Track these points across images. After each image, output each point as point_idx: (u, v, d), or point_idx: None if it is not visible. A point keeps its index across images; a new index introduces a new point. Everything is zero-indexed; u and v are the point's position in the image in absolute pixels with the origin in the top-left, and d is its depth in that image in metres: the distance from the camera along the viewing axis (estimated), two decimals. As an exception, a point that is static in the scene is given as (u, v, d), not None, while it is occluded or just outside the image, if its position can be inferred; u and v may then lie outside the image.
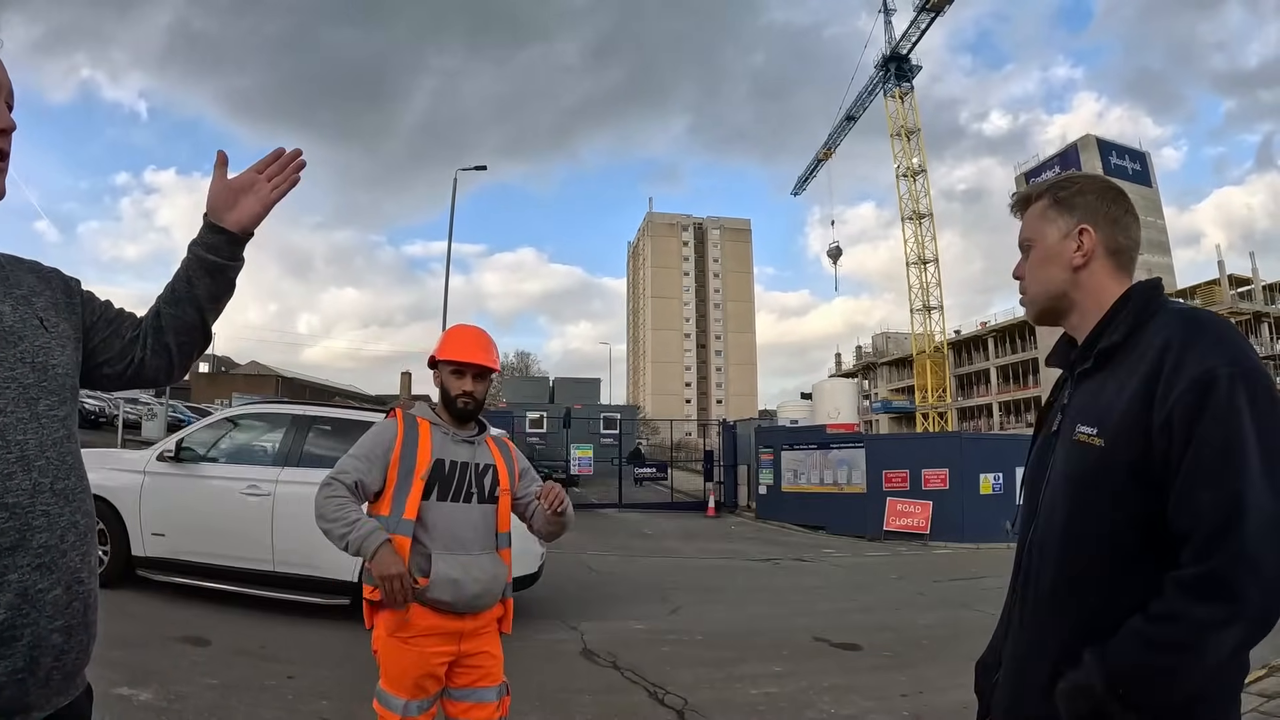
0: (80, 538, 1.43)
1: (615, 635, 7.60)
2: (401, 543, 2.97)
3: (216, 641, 6.48)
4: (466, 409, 3.15)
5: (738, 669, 6.57)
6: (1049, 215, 1.80)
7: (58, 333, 1.54)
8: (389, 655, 3.05)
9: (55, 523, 1.38)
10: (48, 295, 1.58)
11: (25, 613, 1.30)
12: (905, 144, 61.56)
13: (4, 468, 1.31)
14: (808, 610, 9.44)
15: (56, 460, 1.41)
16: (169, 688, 5.20)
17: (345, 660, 6.17)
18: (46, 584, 1.34)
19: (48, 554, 1.35)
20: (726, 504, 24.34)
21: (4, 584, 1.28)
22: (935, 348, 61.83)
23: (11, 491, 1.31)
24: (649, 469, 28.75)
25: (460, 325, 3.34)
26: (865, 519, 18.48)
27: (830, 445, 20.62)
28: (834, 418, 27.32)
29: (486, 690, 3.15)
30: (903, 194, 61.96)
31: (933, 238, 60.93)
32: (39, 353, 1.45)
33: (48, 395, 1.44)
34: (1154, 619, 1.43)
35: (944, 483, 17.80)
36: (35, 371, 1.43)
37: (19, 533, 1.31)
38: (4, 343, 1.40)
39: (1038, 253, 1.81)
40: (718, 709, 5.42)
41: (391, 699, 3.02)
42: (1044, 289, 1.81)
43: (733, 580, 12.35)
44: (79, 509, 1.44)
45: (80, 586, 1.42)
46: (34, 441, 1.37)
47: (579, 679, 6.14)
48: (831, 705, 5.56)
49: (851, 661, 6.92)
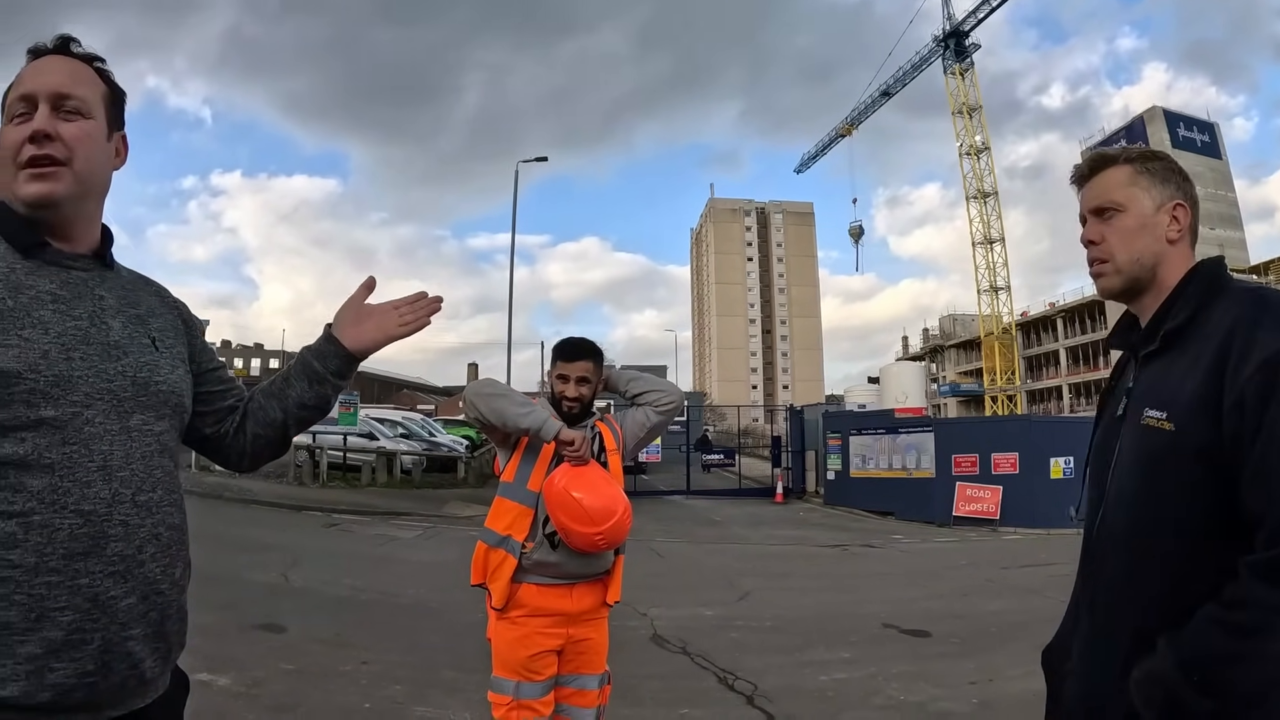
0: (162, 550, 1.47)
1: (684, 621, 7.68)
2: (524, 512, 3.14)
3: (293, 629, 6.70)
4: (571, 411, 3.29)
5: (807, 655, 6.60)
6: (1140, 183, 1.72)
7: (170, 353, 1.59)
8: (499, 638, 3.16)
9: (134, 533, 1.41)
10: (167, 318, 1.64)
11: (95, 617, 1.35)
12: (967, 121, 60.28)
13: (84, 476, 1.35)
14: (877, 596, 9.42)
15: (142, 473, 1.45)
16: (247, 674, 5.39)
17: (418, 647, 6.37)
18: (120, 591, 1.38)
19: (123, 563, 1.39)
20: (794, 490, 24.27)
21: (75, 588, 1.33)
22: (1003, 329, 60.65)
23: (89, 499, 1.35)
24: (716, 455, 28.76)
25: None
26: (934, 504, 18.25)
27: (898, 430, 20.41)
28: (901, 402, 27.03)
29: (589, 678, 3.25)
30: (966, 173, 60.79)
31: (998, 217, 59.73)
32: (142, 369, 1.49)
33: (143, 410, 1.48)
34: (1228, 604, 1.40)
35: (1014, 467, 17.42)
36: (134, 386, 1.47)
37: (92, 539, 1.35)
38: (107, 355, 1.45)
39: (1131, 219, 1.71)
40: (787, 695, 5.45)
41: (502, 683, 3.12)
42: (1136, 258, 1.71)
43: (801, 566, 12.35)
44: (163, 522, 1.48)
45: (159, 597, 1.46)
46: (120, 453, 1.42)
47: (649, 665, 6.21)
48: (900, 692, 5.56)
49: (920, 648, 6.89)
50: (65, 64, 1.50)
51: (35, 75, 1.48)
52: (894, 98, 66.67)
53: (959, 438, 19.28)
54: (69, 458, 1.35)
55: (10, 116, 1.47)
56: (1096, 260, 1.75)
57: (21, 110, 1.46)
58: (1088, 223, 1.77)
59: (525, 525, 3.13)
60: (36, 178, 1.43)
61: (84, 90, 1.50)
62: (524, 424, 3.15)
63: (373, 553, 11.72)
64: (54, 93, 1.46)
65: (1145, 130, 61.11)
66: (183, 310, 1.73)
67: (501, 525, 3.18)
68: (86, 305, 1.47)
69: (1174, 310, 1.64)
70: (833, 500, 21.82)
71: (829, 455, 22.27)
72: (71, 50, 1.52)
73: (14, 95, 1.47)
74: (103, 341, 1.46)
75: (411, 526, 14.36)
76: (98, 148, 1.52)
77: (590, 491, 3.04)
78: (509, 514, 3.19)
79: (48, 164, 1.44)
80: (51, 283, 1.44)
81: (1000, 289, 59.94)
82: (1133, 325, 1.79)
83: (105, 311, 1.49)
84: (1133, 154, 1.77)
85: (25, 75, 1.49)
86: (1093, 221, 1.76)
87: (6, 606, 1.28)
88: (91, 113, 1.50)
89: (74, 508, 1.34)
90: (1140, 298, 1.73)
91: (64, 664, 1.31)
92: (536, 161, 31.75)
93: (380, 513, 15.88)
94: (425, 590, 8.67)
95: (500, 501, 3.25)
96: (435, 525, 14.41)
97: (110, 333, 1.48)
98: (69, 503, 1.34)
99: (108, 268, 1.57)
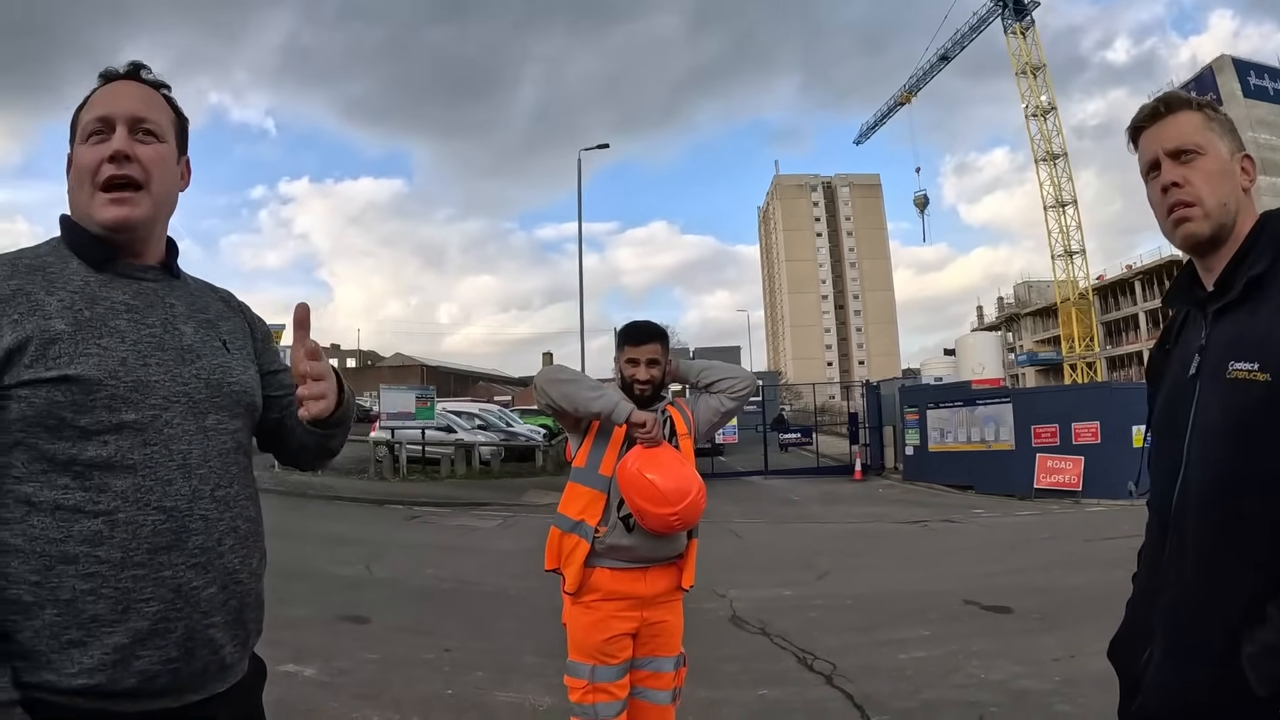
0: (240, 541, 1.54)
1: (763, 602, 7.69)
2: (596, 497, 3.17)
3: (376, 620, 6.88)
4: (644, 394, 3.31)
5: (886, 633, 6.56)
6: (1214, 129, 1.64)
7: (240, 355, 1.67)
8: (575, 623, 3.20)
9: (213, 526, 1.48)
10: (235, 321, 1.73)
11: (179, 607, 1.42)
12: (1031, 81, 58.28)
13: (165, 474, 1.43)
14: (957, 573, 9.30)
15: (220, 469, 1.52)
16: (331, 664, 5.56)
17: (499, 634, 6.49)
18: (202, 582, 1.45)
19: (204, 555, 1.46)
20: (873, 466, 24.02)
21: (159, 580, 1.40)
22: (1079, 295, 58.81)
23: (170, 496, 1.43)
24: (793, 434, 28.66)
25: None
26: (1015, 477, 17.86)
27: (976, 402, 20.04)
28: (978, 373, 26.49)
29: (664, 660, 3.28)
30: (1033, 135, 58.78)
31: (1069, 178, 57.68)
32: (215, 370, 1.57)
33: (218, 410, 1.55)
34: None
35: (1095, 436, 16.95)
36: (209, 387, 1.54)
37: (174, 534, 1.43)
38: (181, 359, 1.52)
39: (1213, 163, 1.61)
40: (866, 674, 5.43)
41: (579, 667, 3.16)
42: (1223, 202, 1.60)
43: (880, 544, 12.27)
44: (240, 515, 1.55)
45: (238, 586, 1.53)
46: (198, 451, 1.49)
47: (728, 646, 6.24)
48: (980, 670, 5.49)
49: (1001, 624, 6.80)
50: (139, 89, 1.58)
51: (112, 99, 1.55)
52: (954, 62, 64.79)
53: (1038, 408, 18.83)
54: (150, 458, 1.43)
55: (85, 136, 1.54)
56: (1182, 204, 1.62)
57: (97, 130, 1.53)
58: (1163, 166, 1.65)
59: (598, 510, 3.16)
60: (115, 202, 1.50)
61: (158, 115, 1.58)
62: (595, 408, 3.18)
63: (453, 543, 11.94)
64: (132, 116, 1.53)
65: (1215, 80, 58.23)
66: (248, 314, 1.81)
67: (574, 510, 3.22)
68: (159, 313, 1.54)
69: (1251, 257, 1.56)
70: (911, 476, 21.57)
71: (907, 430, 22.00)
72: (142, 76, 1.60)
73: (89, 117, 1.54)
74: (176, 346, 1.53)
75: (491, 516, 14.56)
76: (170, 170, 1.60)
77: (664, 472, 3.06)
78: (582, 499, 3.22)
79: (126, 185, 1.51)
80: (125, 294, 1.52)
81: (1075, 253, 58.12)
82: (1192, 281, 1.71)
83: (177, 318, 1.57)
84: (1201, 101, 1.69)
85: (100, 98, 1.56)
86: (1170, 164, 1.64)
87: (95, 600, 1.36)
88: (165, 136, 1.58)
89: (156, 504, 1.42)
90: (1217, 249, 1.63)
91: (149, 652, 1.39)
92: (598, 149, 31.70)
93: (460, 504, 16.12)
94: (505, 578, 8.80)
95: (573, 487, 3.29)
96: (515, 514, 14.58)
97: (183, 338, 1.55)
98: (152, 500, 1.42)
99: (175, 277, 1.65)
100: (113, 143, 1.51)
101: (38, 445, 1.38)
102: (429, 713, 4.80)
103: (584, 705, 3.13)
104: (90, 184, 1.51)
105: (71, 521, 1.37)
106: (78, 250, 1.52)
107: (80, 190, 1.53)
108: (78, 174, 1.54)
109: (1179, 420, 1.60)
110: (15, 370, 1.38)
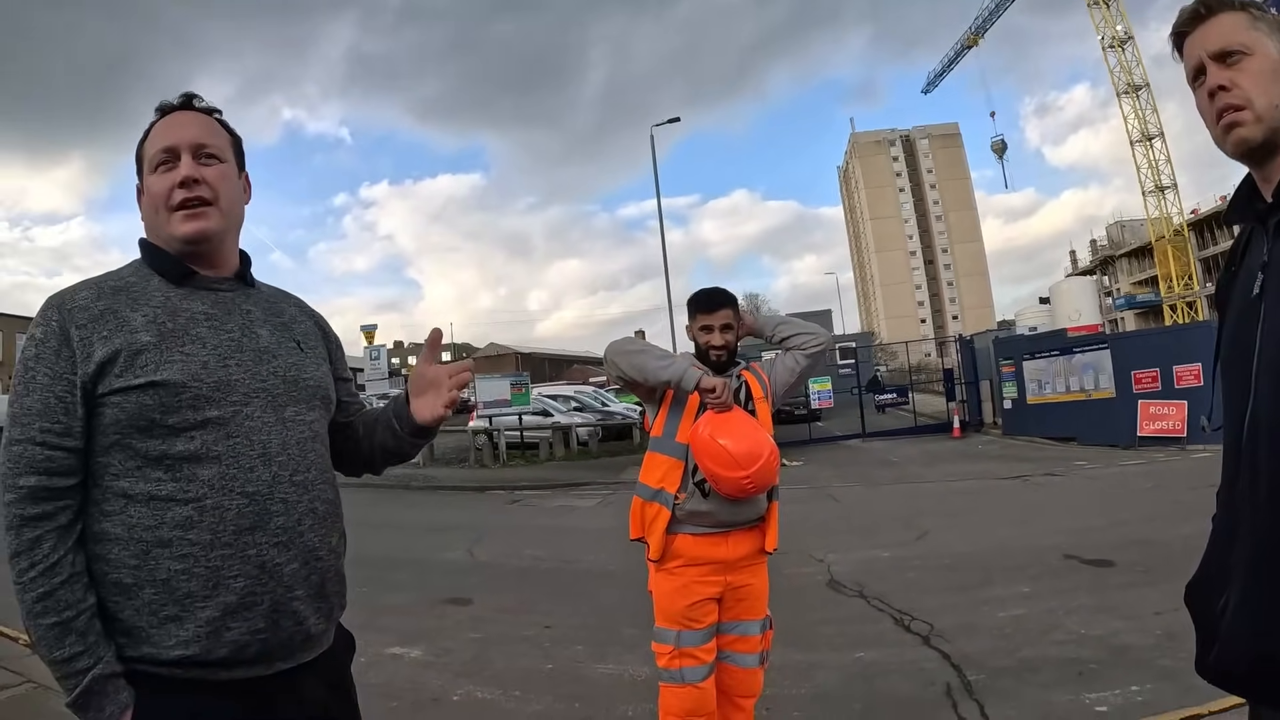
0: (319, 521, 1.68)
1: (861, 564, 7.70)
2: (675, 464, 3.26)
3: (479, 601, 7.13)
4: (720, 359, 3.40)
5: (985, 592, 6.53)
6: (1260, 28, 1.51)
7: (314, 354, 1.83)
8: (659, 590, 3.30)
9: (293, 508, 1.63)
10: (307, 324, 1.88)
11: (264, 582, 1.57)
12: (1105, 11, 55.51)
13: (247, 463, 1.58)
14: (1058, 527, 9.14)
15: (298, 456, 1.67)
16: (435, 644, 5.80)
17: (597, 610, 6.65)
18: (284, 559, 1.60)
19: (285, 534, 1.61)
20: (971, 423, 23.68)
21: (245, 558, 1.55)
22: (1174, 231, 56.12)
23: (253, 482, 1.58)
24: (889, 395, 28.35)
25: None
26: (1118, 426, 17.39)
27: (1072, 350, 19.56)
28: (1075, 320, 25.76)
29: (750, 624, 3.36)
30: (1113, 67, 55.98)
31: (1153, 110, 54.81)
32: (290, 368, 1.72)
33: (294, 403, 1.70)
34: None
35: (1198, 379, 16.23)
36: (285, 384, 1.70)
37: (257, 516, 1.57)
38: (259, 359, 1.68)
39: (1262, 63, 1.49)
40: (963, 633, 5.44)
41: (664, 633, 3.26)
42: (1275, 103, 1.47)
43: (980, 501, 12.12)
44: (319, 497, 1.69)
45: (319, 563, 1.67)
46: (277, 441, 1.64)
47: (825, 609, 6.31)
48: (1080, 626, 5.43)
49: (1103, 579, 6.69)
50: (196, 118, 1.75)
51: (174, 130, 1.72)
52: None
53: (1137, 352, 18.21)
54: (233, 449, 1.59)
55: (154, 167, 1.71)
56: (1231, 107, 1.50)
57: (164, 159, 1.70)
58: (1209, 70, 1.53)
59: (677, 477, 3.25)
60: (191, 217, 1.68)
61: (216, 139, 1.75)
62: (665, 375, 3.26)
63: (553, 524, 12.16)
64: (194, 143, 1.70)
65: None
66: (319, 319, 1.97)
67: (654, 479, 3.31)
68: (237, 319, 1.71)
69: None
70: (1011, 430, 21.21)
71: (1003, 383, 21.65)
72: (195, 105, 1.77)
73: (155, 149, 1.71)
74: (254, 348, 1.70)
75: (590, 495, 14.79)
76: (234, 186, 1.77)
77: (735, 436, 3.12)
78: (660, 467, 3.31)
79: (198, 204, 1.68)
80: (204, 304, 1.69)
81: (1166, 188, 55.43)
82: (1252, 194, 1.57)
83: (254, 323, 1.74)
84: (1244, 0, 1.55)
85: (161, 130, 1.73)
86: (1215, 67, 1.52)
87: (188, 579, 1.53)
88: (225, 157, 1.76)
89: (240, 490, 1.58)
90: (1273, 156, 1.50)
91: (239, 623, 1.56)
92: (669, 124, 31.71)
93: (560, 485, 16.38)
94: (604, 555, 8.95)
95: (651, 456, 3.38)
96: (614, 491, 14.72)
97: (260, 340, 1.72)
98: (235, 486, 1.58)
99: (250, 286, 1.82)
100: (181, 169, 1.68)
101: (132, 445, 1.55)
102: (529, 686, 4.96)
103: (671, 670, 3.23)
104: (165, 208, 1.68)
105: (164, 510, 1.54)
106: (158, 269, 1.69)
107: (156, 215, 1.70)
108: (151, 201, 1.71)
109: (1245, 347, 1.47)
110: (107, 380, 1.54)
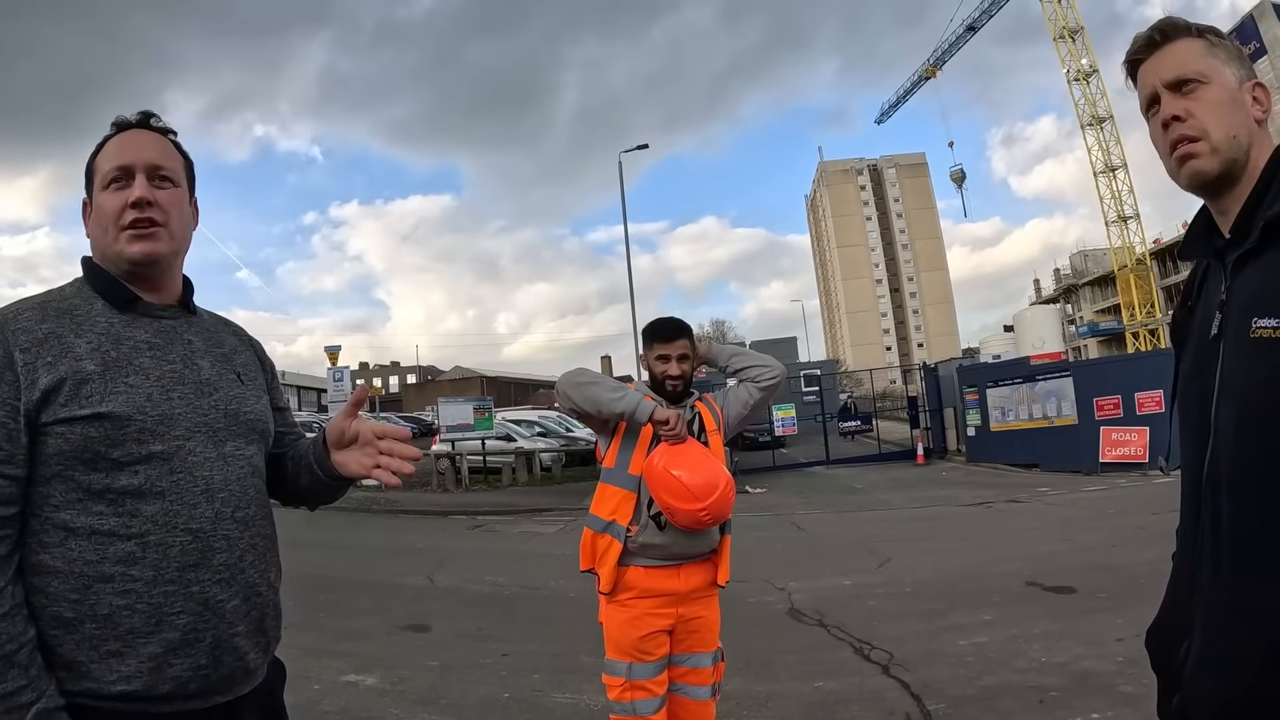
0: (259, 557, 1.66)
1: (822, 593, 7.66)
2: (627, 496, 3.21)
3: (437, 628, 7.02)
4: (676, 389, 3.35)
5: (946, 619, 6.50)
6: (1218, 55, 1.47)
7: (253, 385, 1.80)
8: (610, 621, 3.25)
9: (235, 545, 1.60)
10: (247, 355, 1.85)
11: (207, 619, 1.54)
12: (1070, 45, 56.45)
13: (190, 499, 1.55)
14: (1020, 554, 9.17)
15: (239, 492, 1.63)
16: (393, 672, 5.69)
17: (556, 636, 6.59)
18: (226, 595, 1.57)
19: (227, 571, 1.58)
20: (936, 450, 23.82)
21: (189, 595, 1.52)
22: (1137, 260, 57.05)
23: (196, 519, 1.55)
24: (853, 422, 28.49)
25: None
26: (1080, 452, 17.60)
27: (1035, 377, 19.79)
28: (1039, 348, 26.01)
29: (703, 655, 3.30)
30: (1077, 99, 56.96)
31: (1117, 142, 55.74)
32: (231, 401, 1.69)
33: (235, 437, 1.67)
34: None
35: (1159, 405, 16.44)
36: (226, 417, 1.66)
37: (201, 553, 1.54)
38: (200, 392, 1.64)
39: (1218, 92, 1.45)
40: (924, 661, 5.40)
41: (616, 665, 3.21)
42: (1232, 134, 1.43)
43: (944, 528, 12.15)
44: (259, 533, 1.67)
45: (259, 599, 1.65)
46: (219, 477, 1.60)
47: (785, 639, 6.25)
48: (1042, 653, 5.41)
49: (1064, 605, 6.70)
50: (154, 138, 1.71)
51: (130, 148, 1.66)
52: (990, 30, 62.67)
53: (1099, 379, 18.49)
54: (177, 484, 1.54)
55: (106, 183, 1.65)
56: (1185, 139, 1.45)
57: (118, 177, 1.64)
58: (1163, 99, 1.49)
59: (629, 509, 3.20)
60: (140, 238, 1.62)
61: (171, 162, 1.70)
62: (618, 408, 3.21)
63: (515, 549, 12.07)
64: (150, 164, 1.66)
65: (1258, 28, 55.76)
66: (257, 348, 1.92)
67: (606, 510, 3.26)
68: (179, 350, 1.66)
69: (1269, 196, 1.39)
70: (975, 457, 21.34)
71: (967, 411, 21.80)
72: (151, 125, 1.72)
73: (109, 165, 1.65)
74: (195, 381, 1.65)
75: (553, 521, 14.67)
76: (185, 211, 1.73)
77: (690, 468, 3.08)
78: (613, 499, 3.26)
79: (148, 225, 1.62)
80: (146, 332, 1.63)
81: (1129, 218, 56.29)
82: (1209, 229, 1.52)
83: (195, 354, 1.69)
84: (1201, 27, 1.51)
85: (117, 147, 1.67)
86: (1170, 96, 1.48)
87: (130, 615, 1.48)
88: (179, 181, 1.71)
89: (183, 527, 1.54)
90: (1230, 189, 1.45)
91: (181, 660, 1.51)
92: (638, 150, 31.90)
93: (523, 510, 16.25)
94: (565, 581, 8.81)
95: (603, 487, 3.33)
96: (576, 518, 14.51)
97: (201, 372, 1.67)
98: (179, 523, 1.53)
99: (192, 314, 1.76)
100: (135, 189, 1.62)
101: (74, 477, 1.50)
102: (485, 715, 4.89)
103: (622, 703, 3.17)
104: (115, 227, 1.62)
105: (107, 544, 1.48)
106: (101, 292, 1.63)
107: (104, 233, 1.64)
108: (100, 218, 1.65)
109: (1204, 390, 1.43)
110: (52, 409, 1.49)
